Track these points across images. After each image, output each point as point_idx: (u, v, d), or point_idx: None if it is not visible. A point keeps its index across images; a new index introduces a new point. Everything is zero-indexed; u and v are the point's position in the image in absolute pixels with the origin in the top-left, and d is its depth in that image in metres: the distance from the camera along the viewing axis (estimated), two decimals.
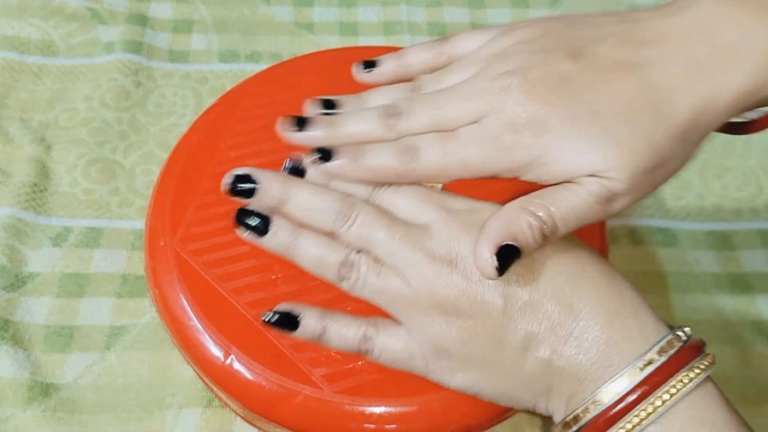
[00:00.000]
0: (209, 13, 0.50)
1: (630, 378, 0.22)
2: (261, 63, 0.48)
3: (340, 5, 0.52)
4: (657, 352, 0.23)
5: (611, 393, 0.22)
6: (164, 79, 0.46)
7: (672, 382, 0.22)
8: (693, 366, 0.22)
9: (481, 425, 0.28)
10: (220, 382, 0.28)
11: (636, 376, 0.22)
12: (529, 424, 0.34)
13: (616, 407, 0.22)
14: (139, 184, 0.41)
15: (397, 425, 0.27)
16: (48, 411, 0.33)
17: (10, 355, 0.34)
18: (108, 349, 0.35)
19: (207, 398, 0.34)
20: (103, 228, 0.39)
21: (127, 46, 0.46)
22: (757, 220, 0.43)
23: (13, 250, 0.37)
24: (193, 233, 0.30)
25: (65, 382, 0.34)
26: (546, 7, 0.53)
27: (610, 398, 0.22)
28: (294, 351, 0.28)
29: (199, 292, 0.29)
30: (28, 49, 0.46)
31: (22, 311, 0.36)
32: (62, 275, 0.37)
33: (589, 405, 0.23)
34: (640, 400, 0.22)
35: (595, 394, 0.23)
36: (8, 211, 0.39)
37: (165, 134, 0.43)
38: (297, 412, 0.27)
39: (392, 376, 0.27)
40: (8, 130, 0.42)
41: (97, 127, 0.43)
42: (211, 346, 0.28)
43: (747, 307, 0.40)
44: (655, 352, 0.23)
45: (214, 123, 0.34)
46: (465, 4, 0.53)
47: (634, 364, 0.22)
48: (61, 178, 0.41)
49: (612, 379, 0.22)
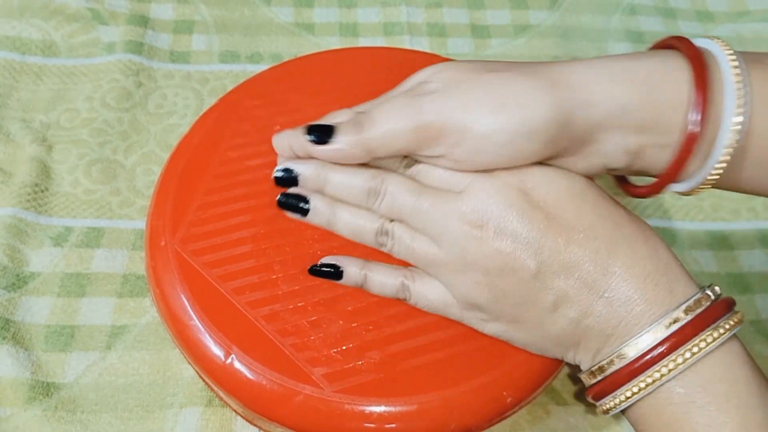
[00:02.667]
0: (210, 14, 0.50)
1: (655, 334, 0.23)
2: (261, 63, 0.48)
3: (340, 6, 0.52)
4: (684, 311, 0.23)
5: (636, 347, 0.24)
6: (165, 80, 0.46)
7: (695, 341, 0.23)
8: (718, 325, 0.23)
9: (481, 425, 0.28)
10: (221, 381, 0.28)
11: (660, 333, 0.23)
12: (529, 424, 0.34)
13: (640, 361, 0.23)
14: (139, 184, 0.41)
15: (397, 425, 0.27)
16: (49, 410, 0.33)
17: (11, 354, 0.34)
18: (109, 348, 0.35)
19: (207, 397, 0.34)
20: (104, 228, 0.39)
21: (128, 47, 0.47)
22: (756, 220, 0.43)
23: (14, 250, 0.38)
24: (193, 233, 0.30)
25: (66, 382, 0.34)
26: (545, 8, 0.53)
27: (634, 352, 0.24)
28: (294, 350, 0.28)
29: (200, 292, 0.29)
30: (29, 49, 0.46)
31: (23, 311, 0.36)
32: (63, 275, 0.37)
33: (615, 358, 0.24)
34: (663, 356, 0.23)
35: (621, 348, 0.24)
36: (9, 211, 0.39)
37: (166, 134, 0.43)
38: (297, 411, 0.27)
39: (392, 376, 0.27)
40: (9, 131, 0.42)
41: (98, 127, 0.43)
42: (211, 345, 0.28)
43: (745, 306, 0.40)
44: (682, 311, 0.23)
45: (215, 123, 0.35)
46: (464, 5, 0.53)
47: (660, 322, 0.23)
48: (62, 178, 0.41)
49: (638, 335, 0.24)
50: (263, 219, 0.31)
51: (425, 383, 0.27)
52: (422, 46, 0.50)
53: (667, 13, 0.54)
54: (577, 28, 0.53)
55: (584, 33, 0.52)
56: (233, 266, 0.30)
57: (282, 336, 0.28)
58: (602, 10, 0.54)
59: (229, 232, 0.30)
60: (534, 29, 0.52)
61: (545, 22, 0.53)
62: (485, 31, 0.51)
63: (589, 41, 0.52)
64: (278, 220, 0.31)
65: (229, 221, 0.31)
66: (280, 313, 0.29)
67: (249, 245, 0.30)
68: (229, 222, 0.31)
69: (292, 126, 0.29)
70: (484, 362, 0.28)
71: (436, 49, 0.50)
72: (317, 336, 0.28)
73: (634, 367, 0.24)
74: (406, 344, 0.28)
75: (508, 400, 0.28)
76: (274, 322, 0.28)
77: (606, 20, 0.53)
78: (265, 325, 0.28)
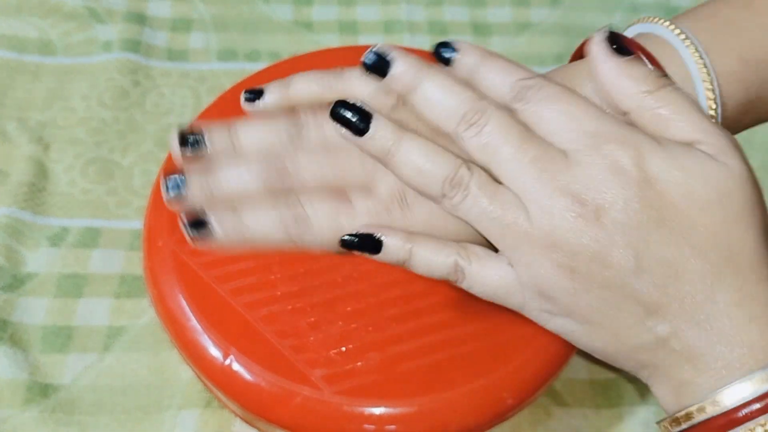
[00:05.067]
0: (208, 12, 0.50)
1: (755, 385, 0.20)
2: (260, 62, 0.47)
3: (339, 4, 0.52)
4: None
5: (732, 397, 0.20)
6: (163, 78, 0.46)
7: None
8: None
9: (482, 427, 0.28)
10: (219, 383, 0.28)
11: (762, 385, 0.20)
12: (530, 425, 0.34)
13: (738, 413, 0.20)
14: (137, 184, 0.41)
15: (396, 426, 0.27)
16: (46, 412, 0.33)
17: (8, 355, 0.34)
18: (106, 349, 0.35)
19: (206, 399, 0.34)
20: (102, 228, 0.39)
21: (126, 45, 0.46)
22: None
23: (10, 251, 0.37)
24: None
25: (64, 383, 0.34)
26: (547, 6, 0.53)
27: (731, 402, 0.20)
28: (293, 352, 0.28)
29: (198, 293, 0.29)
30: (25, 47, 0.46)
31: (20, 312, 0.36)
32: (60, 275, 0.37)
33: (707, 404, 0.21)
34: (764, 411, 0.20)
35: (714, 395, 0.21)
36: (5, 210, 0.38)
37: (163, 134, 0.43)
38: (296, 413, 0.27)
39: (392, 378, 0.27)
40: (5, 130, 0.42)
41: (95, 126, 0.43)
42: (209, 346, 0.28)
43: None
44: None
45: (213, 122, 0.34)
46: (465, 3, 0.52)
47: (765, 370, 0.20)
48: (59, 178, 0.41)
49: (738, 381, 0.20)
50: None
51: (425, 385, 0.27)
52: (423, 44, 0.50)
53: (668, 11, 0.54)
54: (579, 25, 0.52)
55: (586, 31, 0.52)
56: (231, 267, 0.29)
57: (281, 337, 0.28)
58: (604, 7, 0.54)
59: None
60: (535, 27, 0.52)
61: (547, 20, 0.52)
62: (486, 29, 0.51)
63: None
64: None
65: None
66: (279, 315, 0.28)
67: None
68: None
69: None
70: (485, 363, 0.28)
71: None
72: (316, 337, 0.28)
73: (730, 418, 0.20)
74: (405, 345, 0.28)
75: (509, 402, 0.28)
76: (273, 323, 0.28)
77: (608, 18, 0.53)
78: (264, 327, 0.28)
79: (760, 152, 0.46)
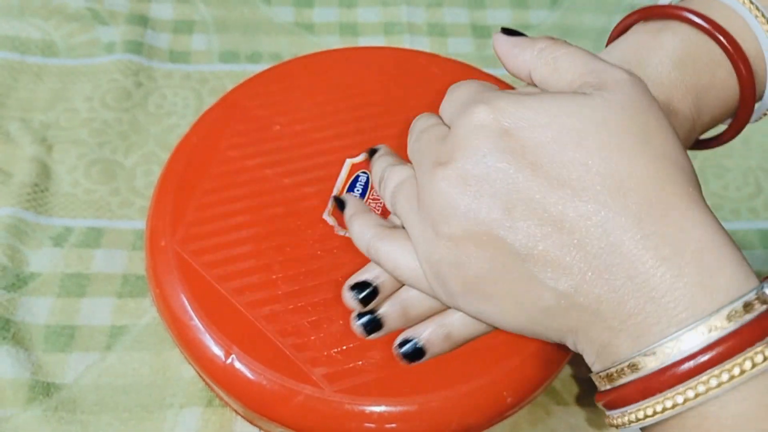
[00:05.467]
0: (210, 14, 0.50)
1: (684, 344, 0.17)
2: (261, 63, 0.48)
3: (340, 6, 0.52)
4: (726, 317, 0.17)
5: (656, 359, 0.18)
6: (165, 80, 0.46)
7: (739, 359, 0.17)
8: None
9: (482, 425, 0.28)
10: (221, 381, 0.28)
11: (693, 343, 0.17)
12: (529, 424, 0.34)
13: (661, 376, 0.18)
14: (139, 185, 0.41)
15: (397, 425, 0.27)
16: (49, 411, 0.33)
17: (11, 355, 0.34)
18: (109, 349, 0.35)
19: (207, 398, 0.34)
20: (104, 228, 0.39)
21: (128, 47, 0.46)
22: (757, 220, 0.43)
23: (14, 250, 0.38)
24: (193, 233, 0.30)
25: (66, 382, 0.34)
26: (546, 7, 0.53)
27: (654, 364, 0.18)
28: (295, 350, 0.28)
29: (200, 292, 0.29)
30: (28, 49, 0.46)
31: (23, 311, 0.36)
32: (63, 275, 0.37)
33: (626, 367, 0.19)
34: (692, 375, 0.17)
35: (635, 357, 0.18)
36: (9, 211, 0.39)
37: (165, 135, 0.43)
38: (297, 411, 0.27)
39: (392, 376, 0.27)
40: (9, 131, 0.42)
41: (98, 127, 0.43)
42: (211, 345, 0.28)
43: None
44: (724, 317, 0.17)
45: (215, 123, 0.34)
46: (465, 5, 0.53)
47: (693, 327, 0.17)
48: (62, 179, 0.41)
49: (658, 342, 0.18)
50: (263, 219, 0.31)
51: (426, 383, 0.27)
52: (423, 45, 0.50)
53: None
54: (578, 27, 0.53)
55: (585, 32, 0.52)
56: (233, 266, 0.30)
57: (282, 336, 0.28)
58: (603, 9, 0.54)
59: (229, 232, 0.30)
60: (535, 29, 0.52)
61: (546, 22, 0.53)
62: (486, 31, 0.51)
63: (590, 41, 0.52)
64: (278, 220, 0.31)
65: (229, 221, 0.31)
66: (281, 313, 0.29)
67: (249, 245, 0.30)
68: (229, 222, 0.31)
69: (292, 126, 0.29)
70: (485, 362, 0.28)
71: (437, 49, 0.50)
72: (317, 336, 0.28)
73: (652, 383, 0.18)
74: None
75: (509, 400, 0.28)
76: (275, 322, 0.28)
77: (607, 20, 0.53)
78: (266, 325, 0.28)
79: (757, 153, 0.46)
